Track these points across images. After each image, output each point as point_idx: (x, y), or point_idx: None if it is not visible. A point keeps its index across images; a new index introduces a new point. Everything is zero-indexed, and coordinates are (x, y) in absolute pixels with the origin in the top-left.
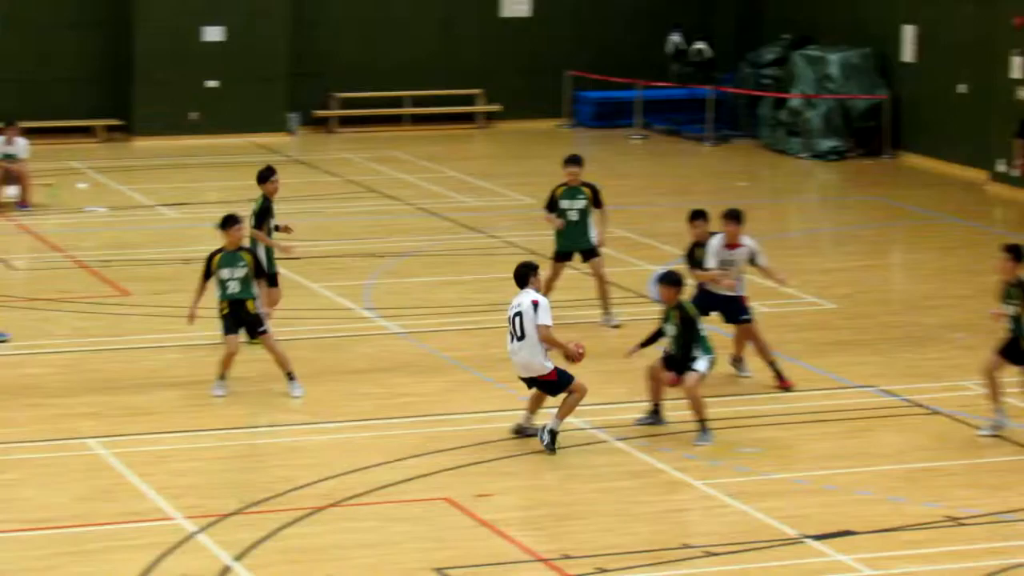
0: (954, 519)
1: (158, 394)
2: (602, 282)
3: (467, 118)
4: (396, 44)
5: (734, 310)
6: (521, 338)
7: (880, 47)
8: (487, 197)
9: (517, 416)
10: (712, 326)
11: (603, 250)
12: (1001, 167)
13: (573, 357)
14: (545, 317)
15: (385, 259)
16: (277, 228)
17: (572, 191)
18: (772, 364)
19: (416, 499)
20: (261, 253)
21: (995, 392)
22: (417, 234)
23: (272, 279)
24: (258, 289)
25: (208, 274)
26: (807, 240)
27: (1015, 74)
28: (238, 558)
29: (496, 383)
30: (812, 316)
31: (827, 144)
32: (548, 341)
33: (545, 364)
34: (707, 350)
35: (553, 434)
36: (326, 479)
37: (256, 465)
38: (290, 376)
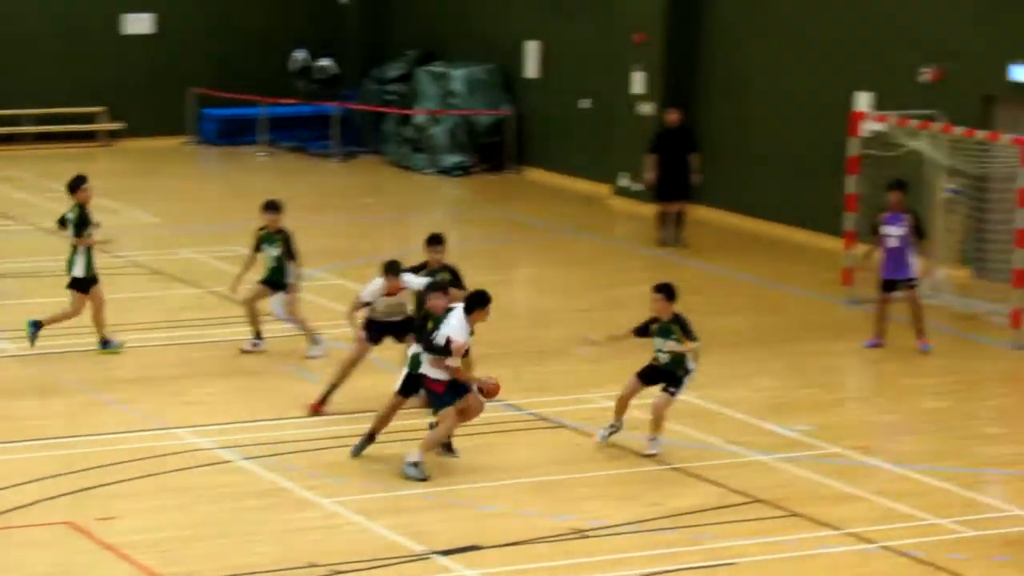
0: (580, 531)
1: None
2: (301, 322)
3: (89, 136)
4: (15, 61)
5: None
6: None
7: (505, 63)
8: (110, 216)
9: (144, 436)
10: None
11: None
12: (623, 181)
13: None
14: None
15: (3, 280)
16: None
17: (269, 237)
18: None
19: (38, 523)
20: (80, 260)
21: (621, 408)
22: (38, 255)
23: (91, 282)
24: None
25: None
26: None
27: (636, 89)
28: None
29: (118, 404)
30: None
31: (452, 160)
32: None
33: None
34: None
35: (445, 447)
36: None
37: None
38: None
